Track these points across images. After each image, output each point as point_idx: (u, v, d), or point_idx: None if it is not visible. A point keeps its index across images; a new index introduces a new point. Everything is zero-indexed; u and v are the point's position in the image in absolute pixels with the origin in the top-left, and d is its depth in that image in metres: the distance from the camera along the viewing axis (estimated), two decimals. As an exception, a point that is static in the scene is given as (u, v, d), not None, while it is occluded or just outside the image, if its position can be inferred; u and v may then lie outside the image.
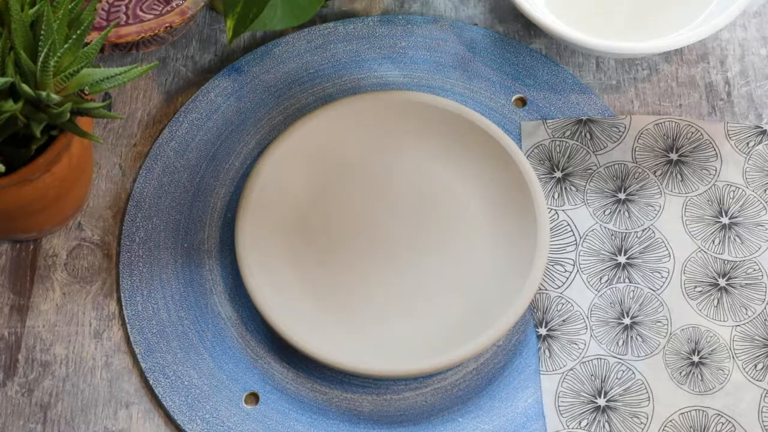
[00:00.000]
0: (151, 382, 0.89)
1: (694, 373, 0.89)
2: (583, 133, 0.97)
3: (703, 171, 0.96)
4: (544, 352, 0.90)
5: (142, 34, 0.95)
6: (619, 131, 0.98)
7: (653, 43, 0.96)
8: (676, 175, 0.96)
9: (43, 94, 0.77)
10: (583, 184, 0.96)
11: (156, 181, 0.96)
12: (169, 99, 1.01)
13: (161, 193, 0.96)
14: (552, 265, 0.93)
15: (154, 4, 0.96)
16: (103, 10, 0.96)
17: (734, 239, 0.94)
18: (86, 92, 0.82)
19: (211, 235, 0.95)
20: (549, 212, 0.94)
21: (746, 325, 0.91)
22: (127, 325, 0.91)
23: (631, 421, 0.87)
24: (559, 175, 0.96)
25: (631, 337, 0.90)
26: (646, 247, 0.93)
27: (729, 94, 1.00)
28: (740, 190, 0.95)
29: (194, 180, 0.97)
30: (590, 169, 0.96)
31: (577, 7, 1.02)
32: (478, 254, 0.93)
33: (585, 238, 0.94)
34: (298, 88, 1.00)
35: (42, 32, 0.77)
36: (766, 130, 0.97)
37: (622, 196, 0.95)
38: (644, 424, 0.87)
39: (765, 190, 0.95)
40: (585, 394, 0.88)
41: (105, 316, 0.92)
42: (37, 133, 0.80)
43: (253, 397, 0.89)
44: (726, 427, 0.87)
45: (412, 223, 0.94)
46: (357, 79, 1.01)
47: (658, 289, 0.92)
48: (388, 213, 0.95)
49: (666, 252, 0.93)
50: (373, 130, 0.97)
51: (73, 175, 0.88)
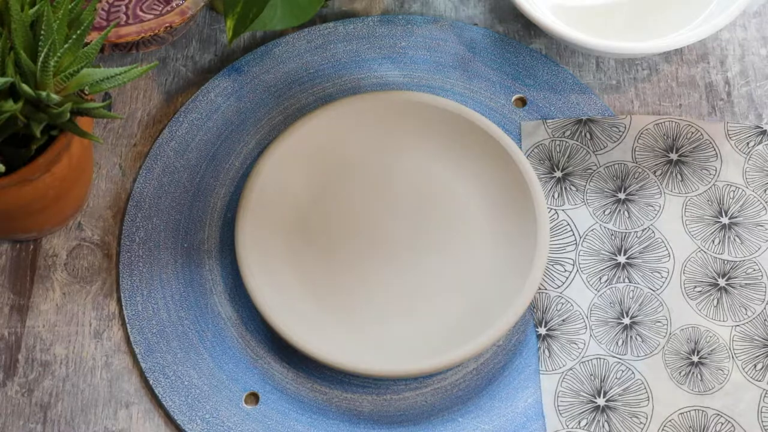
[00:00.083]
0: (151, 382, 0.89)
1: (693, 373, 0.89)
2: (583, 133, 0.97)
3: (703, 171, 0.96)
4: (544, 352, 0.90)
5: (142, 34, 0.95)
6: (619, 131, 0.98)
7: (653, 43, 0.96)
8: (676, 175, 0.96)
9: (43, 94, 0.77)
10: (583, 183, 0.96)
11: (156, 181, 0.96)
12: (169, 99, 1.01)
13: (161, 193, 0.96)
14: (552, 265, 0.93)
15: (154, 4, 0.96)
16: (103, 10, 0.96)
17: (734, 239, 0.94)
18: (86, 92, 0.82)
19: (211, 235, 0.95)
20: (549, 212, 0.94)
21: (746, 325, 0.91)
22: (127, 325, 0.91)
23: (630, 421, 0.87)
24: (559, 174, 0.96)
25: (631, 337, 0.90)
26: (645, 247, 0.93)
27: (729, 94, 1.00)
28: (740, 190, 0.95)
29: (194, 180, 0.97)
30: (590, 169, 0.96)
31: (577, 7, 1.02)
32: (478, 254, 0.93)
33: (585, 238, 0.94)
34: (298, 88, 1.00)
35: (42, 32, 0.77)
36: (766, 130, 0.97)
37: (622, 196, 0.95)
38: (643, 424, 0.87)
39: (765, 191, 0.95)
40: (584, 394, 0.88)
41: (105, 316, 0.92)
42: (37, 133, 0.80)
43: (253, 397, 0.89)
44: (725, 427, 0.87)
45: (412, 223, 0.94)
46: (357, 79, 1.01)
47: (657, 289, 0.92)
48: (388, 213, 0.95)
49: (666, 252, 0.93)
50: (373, 130, 0.97)
51: (73, 175, 0.88)
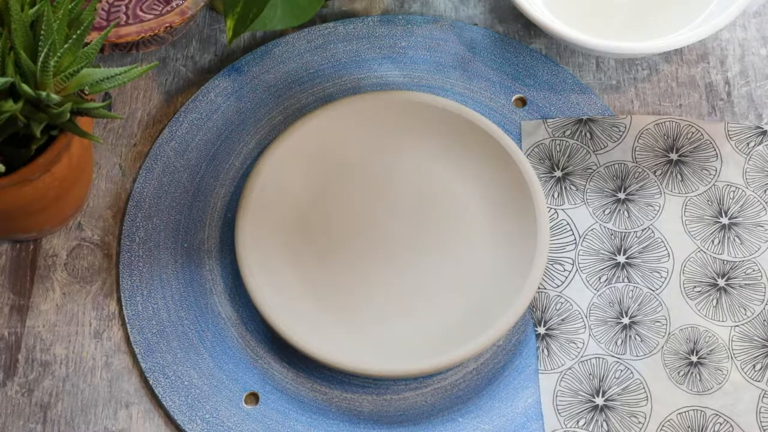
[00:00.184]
0: (151, 382, 0.89)
1: (692, 373, 0.89)
2: (583, 133, 0.97)
3: (703, 171, 0.96)
4: (543, 351, 0.90)
5: (142, 34, 0.95)
6: (620, 131, 0.97)
7: (653, 43, 0.96)
8: (676, 175, 0.96)
9: (43, 94, 0.77)
10: (583, 183, 0.96)
11: (156, 181, 0.96)
12: (169, 99, 1.01)
13: (161, 193, 0.96)
14: (551, 264, 0.93)
15: (154, 4, 0.96)
16: (103, 10, 0.96)
17: (734, 239, 0.94)
18: (86, 92, 0.82)
19: (211, 235, 0.95)
20: (548, 211, 0.94)
21: (745, 325, 0.91)
22: (127, 325, 0.91)
23: (629, 421, 0.87)
24: (559, 174, 0.96)
25: (630, 337, 0.90)
26: (645, 247, 0.93)
27: (729, 94, 1.00)
28: (740, 191, 0.95)
29: (194, 180, 0.97)
30: (590, 169, 0.96)
31: (577, 7, 1.02)
32: (478, 254, 0.93)
33: (584, 238, 0.94)
34: (298, 88, 1.00)
35: (42, 32, 0.77)
36: (766, 131, 0.97)
37: (622, 196, 0.95)
38: (642, 424, 0.87)
39: (765, 191, 0.95)
40: (583, 394, 0.88)
41: (105, 316, 0.92)
42: (37, 133, 0.80)
43: (253, 397, 0.89)
44: (724, 427, 0.87)
45: (412, 223, 0.94)
46: (357, 79, 1.01)
47: (657, 289, 0.92)
48: (388, 213, 0.95)
49: (665, 252, 0.93)
50: (373, 130, 0.97)
51: (73, 175, 0.88)
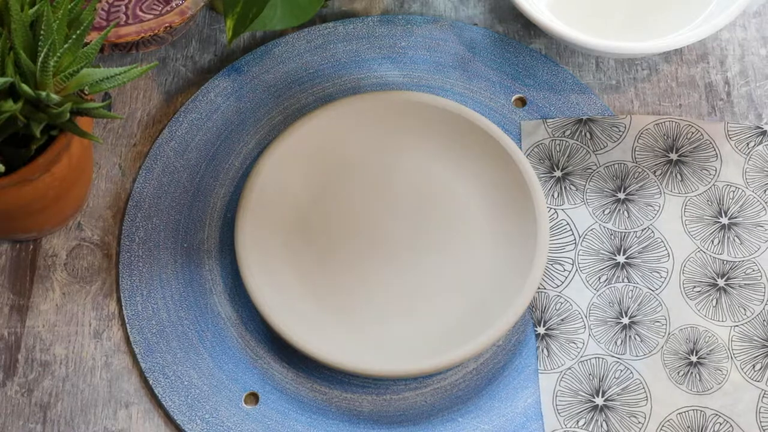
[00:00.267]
0: (150, 382, 0.89)
1: (692, 373, 0.89)
2: (583, 133, 0.97)
3: (703, 171, 0.96)
4: (543, 351, 0.90)
5: (142, 34, 0.95)
6: (619, 131, 0.97)
7: (653, 43, 0.96)
8: (676, 175, 0.96)
9: (43, 94, 0.77)
10: (583, 183, 0.96)
11: (156, 181, 0.96)
12: (169, 99, 1.01)
13: (161, 193, 0.96)
14: (551, 264, 0.93)
15: (154, 4, 0.96)
16: (103, 10, 0.96)
17: (733, 239, 0.93)
18: (86, 92, 0.82)
19: (211, 235, 0.95)
20: (548, 211, 0.94)
21: (745, 325, 0.91)
22: (127, 325, 0.91)
23: (628, 421, 0.87)
24: (558, 174, 0.96)
25: (630, 337, 0.90)
26: (645, 247, 0.93)
27: (729, 94, 1.00)
28: (740, 191, 0.95)
29: (194, 180, 0.97)
30: (590, 169, 0.96)
31: (577, 7, 1.02)
32: (478, 254, 0.93)
33: (584, 238, 0.94)
34: (298, 88, 1.00)
35: (42, 32, 0.77)
36: (766, 131, 0.97)
37: (622, 196, 0.95)
38: (642, 424, 0.87)
39: (765, 191, 0.95)
40: (583, 393, 0.88)
41: (105, 316, 0.92)
42: (37, 133, 0.80)
43: (253, 397, 0.89)
44: (724, 427, 0.87)
45: (412, 223, 0.94)
46: (357, 79, 1.01)
47: (656, 289, 0.92)
48: (388, 213, 0.95)
49: (665, 252, 0.93)
50: (373, 130, 0.97)
51: (73, 175, 0.88)
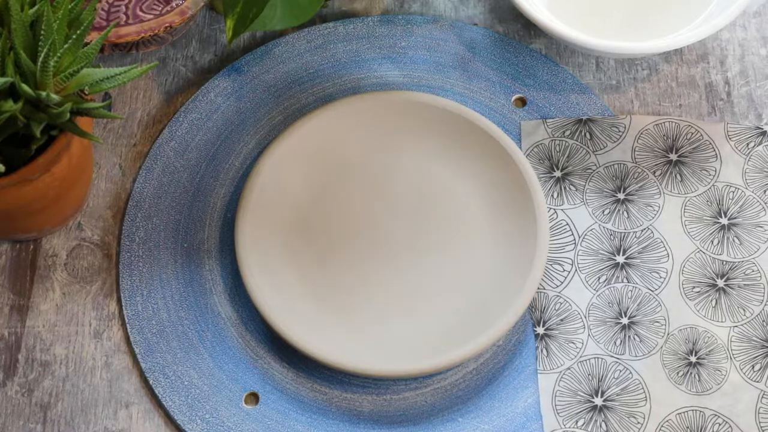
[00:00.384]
0: (151, 382, 0.90)
1: (691, 374, 0.89)
2: (582, 133, 0.97)
3: (703, 172, 0.96)
4: (542, 352, 0.90)
5: (142, 34, 0.95)
6: (619, 131, 0.97)
7: (653, 43, 0.96)
8: (676, 176, 0.96)
9: (43, 94, 0.77)
10: (583, 183, 0.96)
11: (156, 181, 0.96)
12: (169, 99, 1.01)
13: (161, 193, 0.96)
14: (550, 265, 0.93)
15: (154, 4, 0.96)
16: (103, 10, 0.96)
17: (733, 240, 0.93)
18: (86, 92, 0.82)
19: (211, 235, 0.95)
20: (548, 212, 0.94)
21: (744, 325, 0.90)
22: (127, 325, 0.91)
23: (627, 421, 0.87)
24: (558, 174, 0.96)
25: (629, 337, 0.90)
26: (644, 247, 0.93)
27: (729, 94, 1.00)
28: (740, 191, 0.95)
29: (194, 180, 0.97)
30: (590, 169, 0.96)
31: (577, 7, 1.02)
32: (478, 254, 0.93)
33: (584, 238, 0.94)
34: (298, 88, 1.00)
35: (42, 32, 0.77)
36: (766, 131, 0.97)
37: (622, 196, 0.95)
38: (641, 424, 0.87)
39: (765, 191, 0.95)
40: (582, 394, 0.88)
41: (105, 316, 0.92)
42: (37, 133, 0.80)
43: (253, 397, 0.89)
44: (723, 427, 0.87)
45: (412, 223, 0.94)
46: (357, 79, 1.01)
47: (656, 290, 0.92)
48: (388, 213, 0.95)
49: (665, 252, 0.93)
50: (373, 130, 0.97)
51: (73, 175, 0.88)
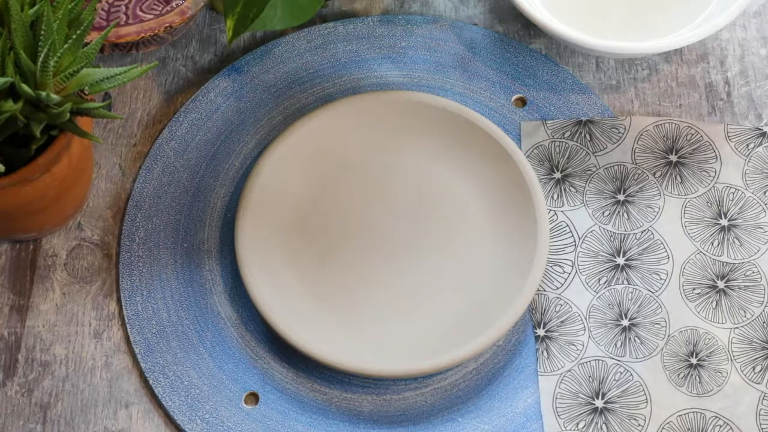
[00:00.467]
0: (150, 382, 0.90)
1: (692, 375, 0.89)
2: (582, 134, 0.97)
3: (703, 173, 0.96)
4: (542, 354, 0.90)
5: (142, 34, 0.95)
6: (619, 132, 0.97)
7: (653, 43, 0.96)
8: (676, 177, 0.96)
9: (43, 94, 0.77)
10: (583, 185, 0.96)
11: (156, 181, 0.96)
12: (169, 99, 1.01)
13: (161, 193, 0.96)
14: (550, 266, 0.93)
15: (154, 4, 0.96)
16: (103, 10, 0.96)
17: (733, 241, 0.93)
18: (86, 92, 0.82)
19: (211, 235, 0.95)
20: (548, 213, 0.94)
21: (745, 327, 0.90)
22: (127, 325, 0.91)
23: (628, 423, 0.87)
24: (558, 176, 0.96)
25: (630, 339, 0.90)
26: (644, 249, 0.93)
27: (729, 94, 1.00)
28: (740, 192, 0.95)
29: (194, 180, 0.97)
30: (589, 170, 0.96)
31: (577, 7, 1.02)
32: (478, 254, 0.93)
33: (584, 239, 0.94)
34: (298, 88, 1.00)
35: (42, 32, 0.77)
36: (766, 132, 0.97)
37: (622, 198, 0.95)
38: (642, 426, 0.87)
39: (765, 192, 0.95)
40: (583, 396, 0.88)
41: (105, 316, 0.92)
42: (37, 133, 0.80)
43: (253, 397, 0.89)
44: (724, 429, 0.87)
45: (412, 223, 0.94)
46: (357, 79, 1.01)
47: (656, 291, 0.92)
48: (388, 213, 0.95)
49: (665, 254, 0.93)
50: (373, 130, 0.97)
51: (73, 175, 0.88)
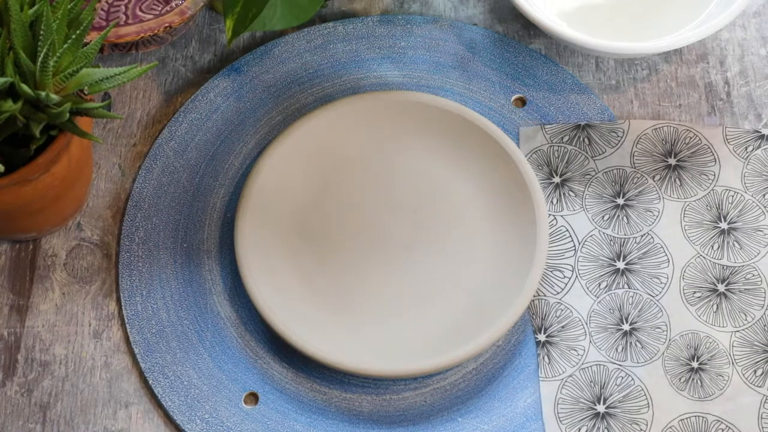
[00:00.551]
0: (150, 382, 0.90)
1: (693, 379, 0.89)
2: (581, 139, 0.97)
3: (702, 176, 0.96)
4: (543, 359, 0.90)
5: (142, 34, 0.95)
6: (618, 136, 0.97)
7: (653, 43, 0.96)
8: (675, 180, 0.96)
9: (43, 94, 0.77)
10: (582, 189, 0.96)
11: (155, 181, 0.96)
12: (169, 99, 1.00)
13: (161, 193, 0.96)
14: (551, 271, 0.93)
15: (154, 4, 0.96)
16: (102, 10, 0.96)
17: (733, 244, 0.93)
18: (86, 92, 0.82)
19: (210, 235, 0.95)
20: (548, 217, 0.94)
21: (745, 330, 0.90)
22: (127, 325, 0.91)
23: (630, 428, 0.87)
24: (557, 180, 0.96)
25: (631, 343, 0.90)
26: (644, 253, 0.93)
27: (728, 94, 1.00)
28: (739, 195, 0.95)
29: (194, 180, 0.97)
30: (589, 175, 0.96)
31: (577, 7, 1.02)
32: (478, 254, 0.93)
33: (584, 244, 0.94)
34: (298, 88, 1.00)
35: (41, 32, 0.77)
36: (764, 135, 0.97)
37: (621, 202, 0.95)
38: (644, 431, 0.87)
39: (764, 195, 0.95)
40: (584, 401, 0.88)
41: (104, 316, 0.92)
42: (37, 133, 0.80)
43: (253, 397, 0.90)
44: (725, 433, 0.88)
45: (412, 223, 0.94)
46: (357, 79, 1.01)
47: (657, 295, 0.92)
48: (388, 213, 0.95)
49: (665, 257, 0.93)
50: (373, 130, 0.97)
51: (73, 175, 0.88)
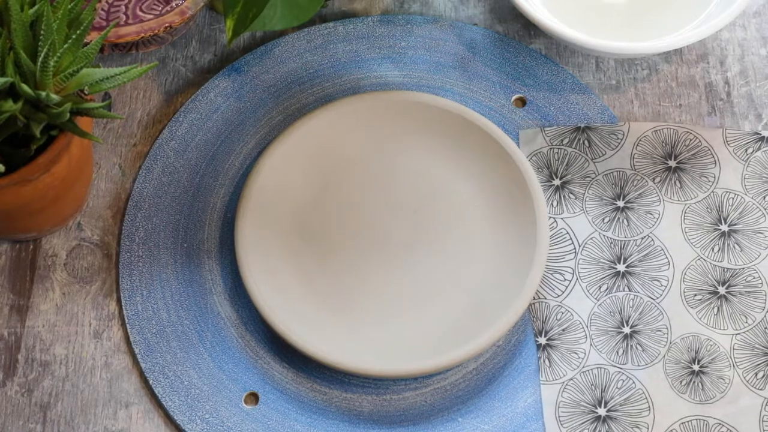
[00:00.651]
0: (150, 382, 0.90)
1: (694, 382, 0.89)
2: (581, 141, 0.97)
3: (702, 178, 0.96)
4: (544, 362, 0.90)
5: (142, 34, 0.95)
6: (618, 138, 0.97)
7: (653, 43, 0.96)
8: (675, 183, 0.96)
9: (43, 94, 0.77)
10: (582, 191, 0.96)
11: (156, 181, 0.96)
12: (169, 99, 1.00)
13: (161, 193, 0.96)
14: (551, 274, 0.93)
15: (154, 4, 0.96)
16: (102, 10, 0.96)
17: (733, 247, 0.93)
18: (86, 92, 0.82)
19: (210, 235, 0.95)
20: (548, 220, 0.94)
21: (746, 333, 0.90)
22: (127, 325, 0.91)
23: (631, 431, 0.88)
24: (557, 182, 0.96)
25: (631, 346, 0.90)
26: (645, 255, 0.93)
27: (729, 94, 1.00)
28: (739, 197, 0.95)
29: (194, 180, 0.97)
30: (589, 177, 0.96)
31: (577, 7, 1.02)
32: (478, 254, 0.93)
33: (584, 247, 0.94)
34: (298, 88, 1.00)
35: (42, 32, 0.77)
36: (764, 137, 0.97)
37: (621, 204, 0.95)
38: (645, 434, 0.88)
39: (764, 197, 0.95)
40: (585, 404, 0.88)
41: (105, 316, 0.92)
42: (37, 133, 0.80)
43: (253, 397, 0.90)
44: (726, 436, 0.88)
45: (412, 223, 0.94)
46: (357, 79, 1.01)
47: (657, 298, 0.92)
48: (388, 213, 0.95)
49: (665, 260, 0.93)
50: (373, 130, 0.97)
51: (73, 175, 0.88)
